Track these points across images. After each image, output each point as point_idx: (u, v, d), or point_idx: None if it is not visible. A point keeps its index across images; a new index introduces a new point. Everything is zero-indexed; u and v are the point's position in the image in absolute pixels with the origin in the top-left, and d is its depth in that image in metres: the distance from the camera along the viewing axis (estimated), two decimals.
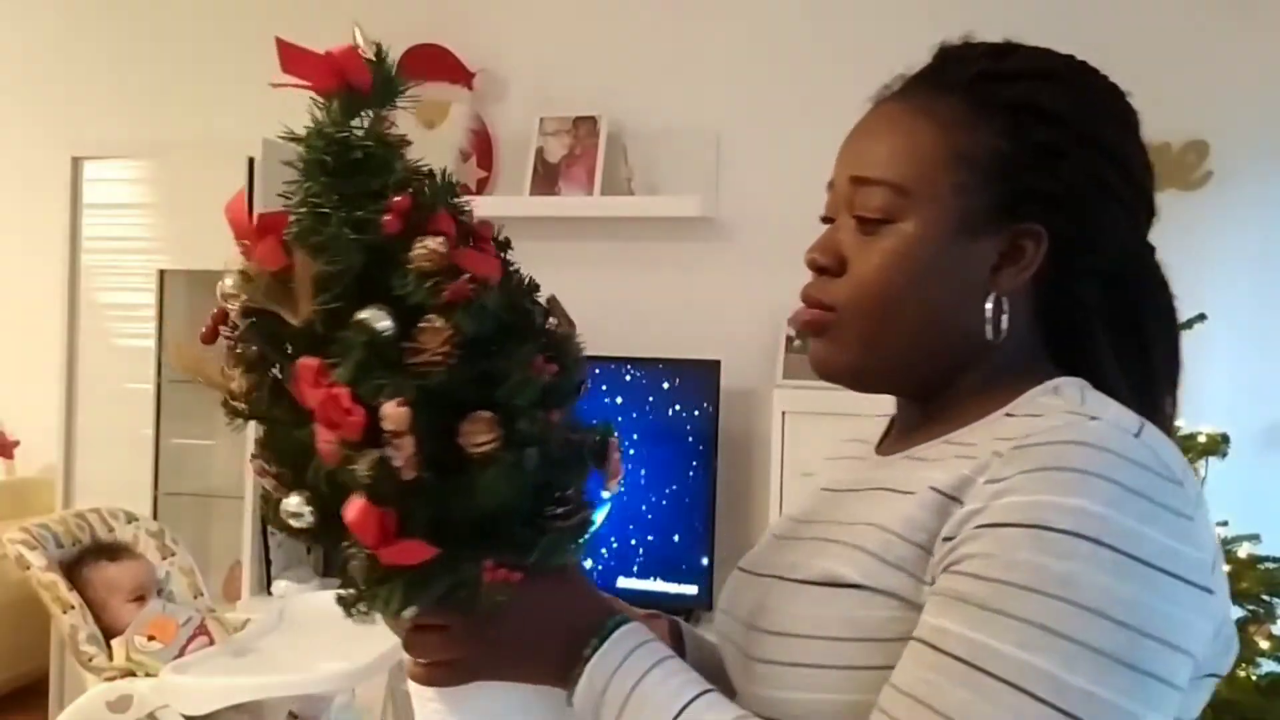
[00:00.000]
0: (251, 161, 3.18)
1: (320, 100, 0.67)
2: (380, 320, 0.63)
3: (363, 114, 0.68)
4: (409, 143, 0.68)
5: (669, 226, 3.22)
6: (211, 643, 2.33)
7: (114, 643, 2.35)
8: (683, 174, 3.22)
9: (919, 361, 0.78)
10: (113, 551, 2.55)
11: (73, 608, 2.36)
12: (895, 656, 0.66)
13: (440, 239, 0.64)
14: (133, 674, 2.29)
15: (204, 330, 0.69)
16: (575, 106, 3.25)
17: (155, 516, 3.09)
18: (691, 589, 2.98)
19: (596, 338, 0.88)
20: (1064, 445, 0.65)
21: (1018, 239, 0.75)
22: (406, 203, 0.65)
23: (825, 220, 0.82)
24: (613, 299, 3.14)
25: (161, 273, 3.32)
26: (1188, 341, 0.82)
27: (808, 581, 0.73)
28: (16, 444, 3.71)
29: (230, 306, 0.67)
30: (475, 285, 0.64)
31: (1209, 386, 2.44)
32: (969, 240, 0.75)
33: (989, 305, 0.75)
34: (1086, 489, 0.63)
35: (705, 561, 2.98)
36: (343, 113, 0.66)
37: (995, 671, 0.61)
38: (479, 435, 0.64)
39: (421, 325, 0.63)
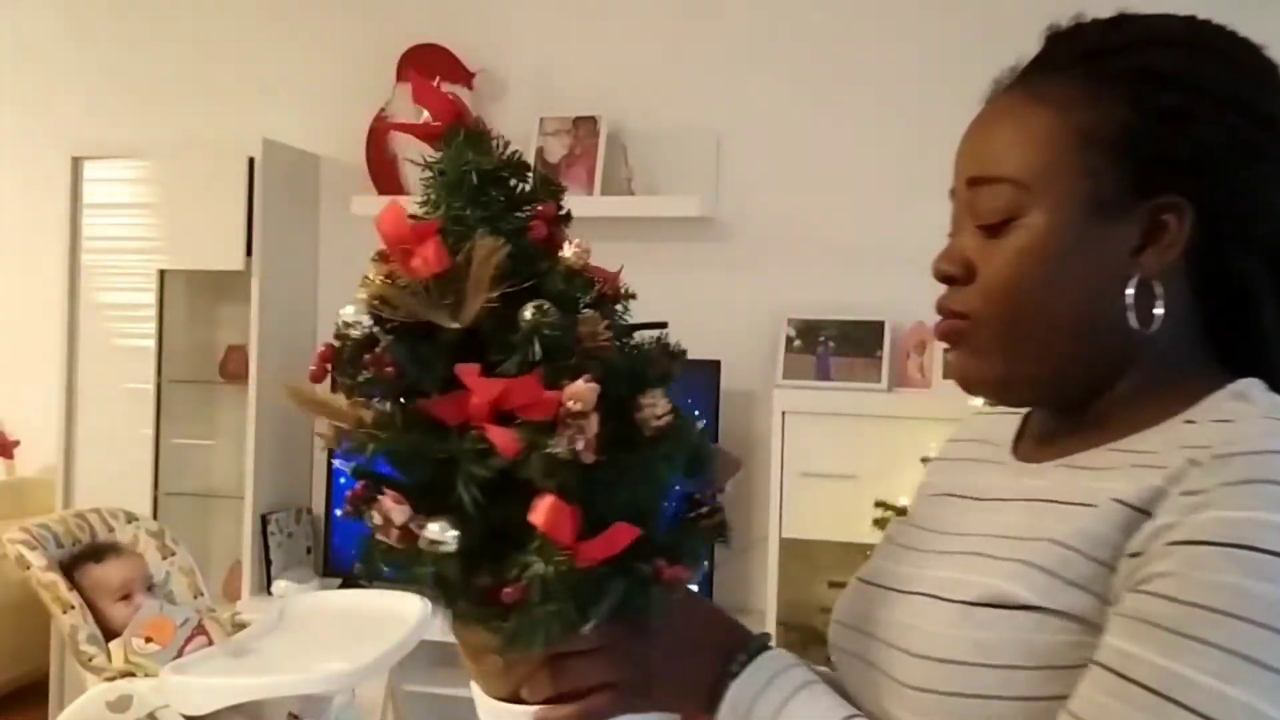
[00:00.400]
0: (251, 161, 3.18)
1: (444, 132, 0.70)
2: (553, 312, 0.65)
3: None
4: (528, 164, 0.72)
5: (669, 226, 3.22)
6: (210, 643, 2.33)
7: (111, 645, 2.34)
8: (683, 174, 3.22)
9: (1066, 366, 0.72)
10: (98, 553, 2.54)
11: (73, 608, 2.36)
12: (1073, 685, 0.61)
13: (581, 240, 0.69)
14: (132, 674, 2.29)
15: (313, 369, 0.67)
16: (575, 106, 3.25)
17: (155, 516, 3.09)
18: (691, 589, 2.96)
19: None
20: (1272, 455, 0.59)
21: (1157, 215, 0.68)
22: (553, 210, 0.70)
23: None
24: None
25: (161, 273, 3.32)
26: None
27: (969, 602, 0.67)
28: (16, 444, 3.71)
29: (353, 334, 0.66)
30: (613, 282, 0.70)
31: None
32: (1104, 224, 0.69)
33: (1130, 290, 0.68)
34: None
35: (705, 562, 2.96)
36: (469, 142, 0.70)
37: (1188, 703, 0.56)
38: (660, 408, 0.66)
39: (582, 315, 0.67)
